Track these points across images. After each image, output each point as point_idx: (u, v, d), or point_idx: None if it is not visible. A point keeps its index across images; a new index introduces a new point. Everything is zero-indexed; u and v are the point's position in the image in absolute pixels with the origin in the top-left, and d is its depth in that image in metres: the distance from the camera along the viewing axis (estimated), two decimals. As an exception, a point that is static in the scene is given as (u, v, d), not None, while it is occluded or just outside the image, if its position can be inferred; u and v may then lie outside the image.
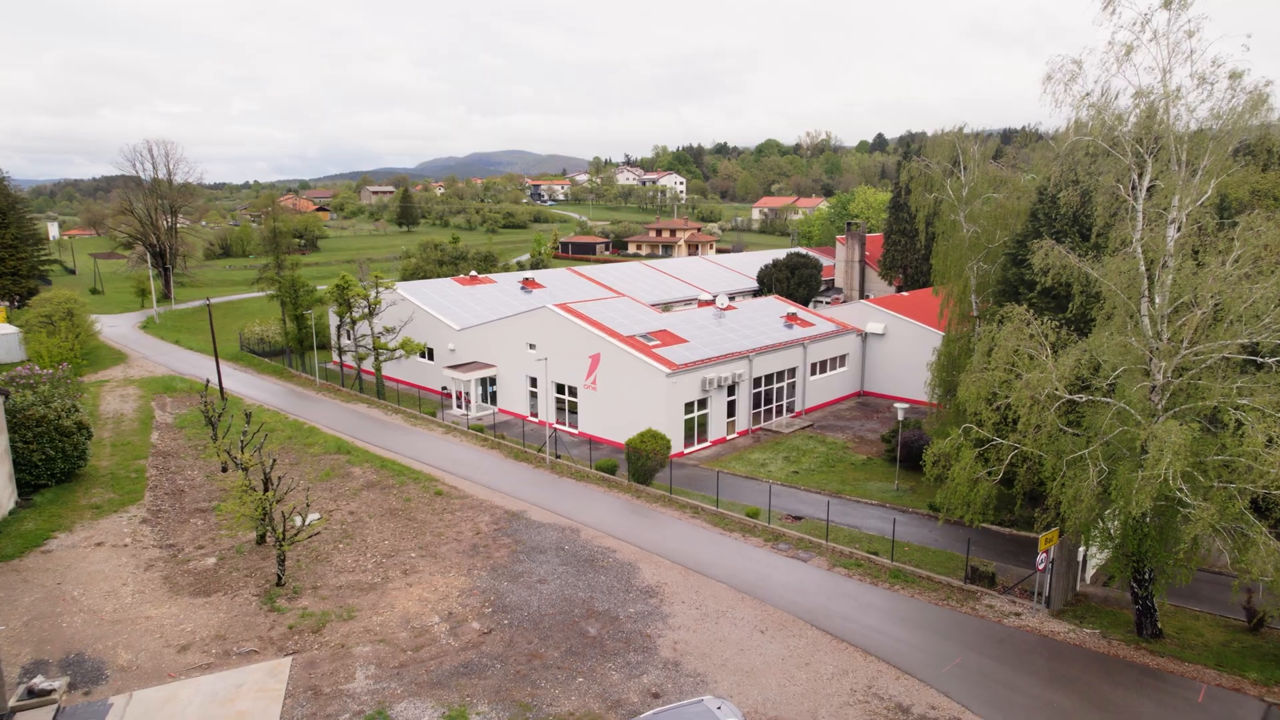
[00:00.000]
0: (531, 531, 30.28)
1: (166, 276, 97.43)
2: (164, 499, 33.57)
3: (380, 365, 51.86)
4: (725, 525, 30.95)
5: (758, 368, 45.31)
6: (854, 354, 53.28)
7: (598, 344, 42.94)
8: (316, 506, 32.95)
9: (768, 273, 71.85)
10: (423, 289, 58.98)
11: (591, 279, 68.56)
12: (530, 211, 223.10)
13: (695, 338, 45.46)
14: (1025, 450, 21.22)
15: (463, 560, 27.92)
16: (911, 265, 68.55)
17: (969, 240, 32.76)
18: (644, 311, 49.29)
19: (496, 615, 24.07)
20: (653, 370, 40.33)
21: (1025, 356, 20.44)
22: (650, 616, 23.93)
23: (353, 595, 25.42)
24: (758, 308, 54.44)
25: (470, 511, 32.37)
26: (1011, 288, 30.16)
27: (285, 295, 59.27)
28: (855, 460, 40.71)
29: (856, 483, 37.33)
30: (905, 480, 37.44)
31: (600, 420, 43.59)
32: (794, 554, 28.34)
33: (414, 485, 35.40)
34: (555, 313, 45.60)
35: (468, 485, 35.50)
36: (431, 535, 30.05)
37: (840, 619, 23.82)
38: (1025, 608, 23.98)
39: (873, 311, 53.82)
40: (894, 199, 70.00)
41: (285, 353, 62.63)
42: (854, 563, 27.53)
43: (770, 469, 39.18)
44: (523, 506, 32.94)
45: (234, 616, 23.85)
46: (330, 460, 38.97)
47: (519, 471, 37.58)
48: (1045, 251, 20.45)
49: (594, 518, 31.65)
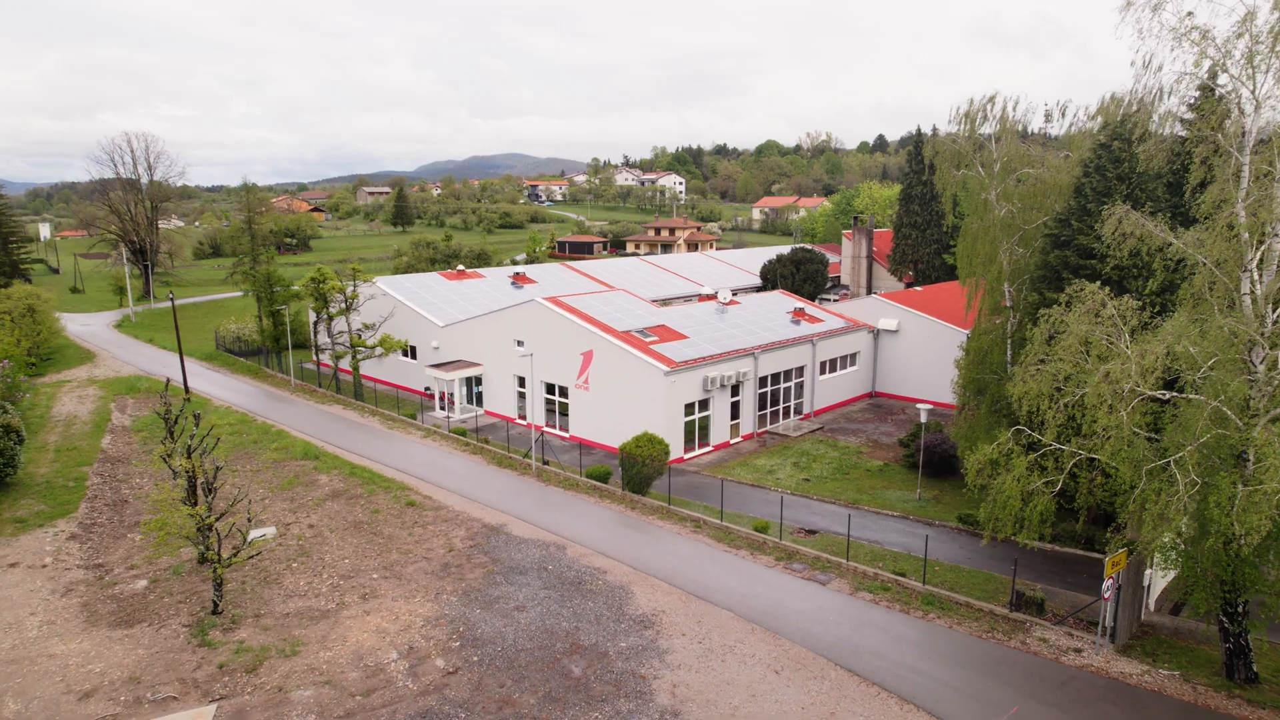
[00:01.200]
0: (511, 548, 26.75)
1: (147, 274, 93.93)
2: (102, 511, 30.02)
3: (358, 364, 48.35)
4: (731, 541, 27.43)
5: (763, 366, 41.83)
6: (865, 352, 49.81)
7: (590, 340, 39.46)
8: (273, 519, 29.43)
9: (771, 268, 68.43)
10: (405, 284, 55.48)
11: (586, 274, 65.08)
12: (527, 211, 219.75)
13: (696, 334, 41.98)
14: (1095, 458, 17.69)
15: (431, 582, 24.38)
16: (923, 260, 65.19)
17: (1001, 222, 29.28)
18: (640, 306, 45.81)
19: (465, 650, 20.55)
20: (650, 368, 36.85)
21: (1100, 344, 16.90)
22: (645, 652, 20.40)
23: (300, 625, 21.87)
24: (762, 302, 50.97)
25: (444, 525, 28.84)
26: (1053, 273, 26.68)
27: (260, 291, 55.73)
28: (871, 466, 37.23)
29: (874, 492, 33.85)
30: (928, 489, 33.98)
31: (593, 423, 40.09)
32: (810, 575, 24.80)
33: (384, 495, 31.87)
34: (544, 306, 42.12)
35: (444, 495, 31.97)
36: (398, 553, 26.52)
37: (869, 655, 20.29)
38: (1085, 642, 20.44)
39: (885, 307, 50.34)
40: (904, 191, 66.73)
41: (262, 352, 59.15)
42: (880, 586, 23.99)
43: (778, 476, 35.68)
44: (503, 519, 29.41)
45: (155, 653, 20.31)
46: (295, 467, 35.45)
47: (502, 479, 34.05)
48: (1119, 219, 16.99)
49: (583, 532, 28.13)
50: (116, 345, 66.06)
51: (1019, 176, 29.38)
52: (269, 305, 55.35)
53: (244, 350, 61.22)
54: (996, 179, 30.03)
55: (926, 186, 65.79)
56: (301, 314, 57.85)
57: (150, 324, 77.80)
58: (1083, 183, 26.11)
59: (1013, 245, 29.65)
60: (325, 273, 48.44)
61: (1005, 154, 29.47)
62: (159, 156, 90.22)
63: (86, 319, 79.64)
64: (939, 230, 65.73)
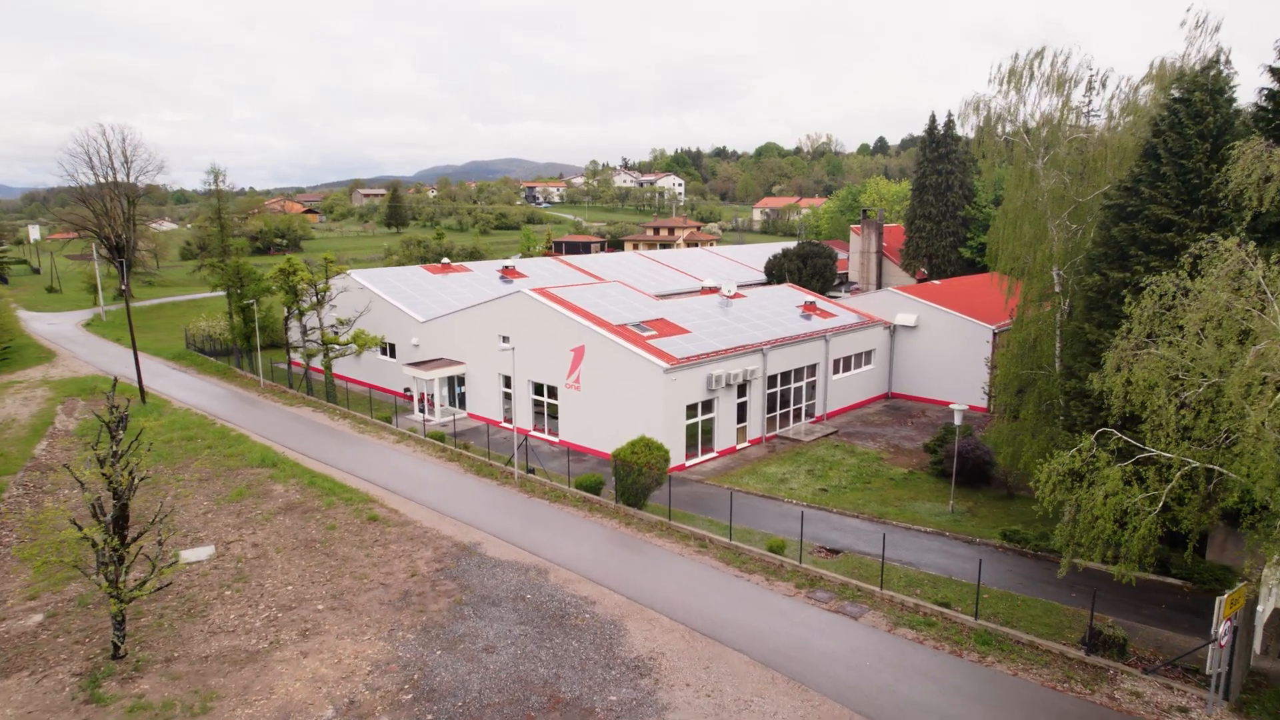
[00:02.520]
0: (485, 573, 22.79)
1: (124, 272, 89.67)
2: (13, 528, 26.05)
3: (330, 362, 44.43)
4: (742, 564, 23.48)
5: (772, 364, 37.94)
6: (881, 350, 45.92)
7: (581, 334, 35.57)
8: (213, 536, 25.49)
9: (777, 263, 64.58)
10: (385, 277, 51.58)
11: (580, 269, 61.20)
12: (524, 212, 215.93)
13: (699, 328, 38.10)
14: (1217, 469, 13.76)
15: (386, 615, 20.45)
16: (939, 254, 61.40)
17: (1051, 194, 25.41)
18: (637, 298, 41.93)
19: (418, 705, 16.60)
20: (647, 365, 32.96)
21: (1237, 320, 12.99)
22: (640, 709, 16.46)
23: (220, 671, 17.93)
24: (770, 296, 47.11)
25: (409, 544, 24.89)
26: (1117, 250, 22.83)
27: (230, 285, 51.77)
28: (894, 475, 33.34)
29: (900, 503, 29.96)
30: (961, 500, 30.11)
31: (584, 427, 36.18)
32: (838, 607, 20.86)
33: (344, 508, 27.93)
34: (531, 298, 38.23)
35: (412, 508, 28.03)
36: (352, 578, 22.57)
37: (918, 714, 16.35)
38: (1190, 698, 16.49)
39: (903, 301, 46.46)
40: (917, 180, 62.99)
41: (233, 351, 55.21)
42: (923, 620, 20.05)
43: (792, 486, 31.77)
44: (478, 537, 25.46)
45: (28, 713, 16.34)
46: (249, 475, 31.51)
47: (480, 490, 30.11)
48: (1255, 156, 13.14)
49: (569, 553, 24.19)
50: (80, 344, 62.18)
51: (1071, 142, 25.51)
52: (239, 301, 51.44)
53: (216, 350, 57.31)
54: (1043, 146, 26.17)
55: (941, 176, 62.02)
56: (276, 310, 53.94)
57: (123, 323, 73.80)
58: (1154, 143, 22.25)
59: (1064, 221, 25.78)
60: (295, 263, 44.55)
61: (1055, 114, 25.60)
62: (135, 149, 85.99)
63: (55, 318, 75.80)
64: (954, 222, 61.95)
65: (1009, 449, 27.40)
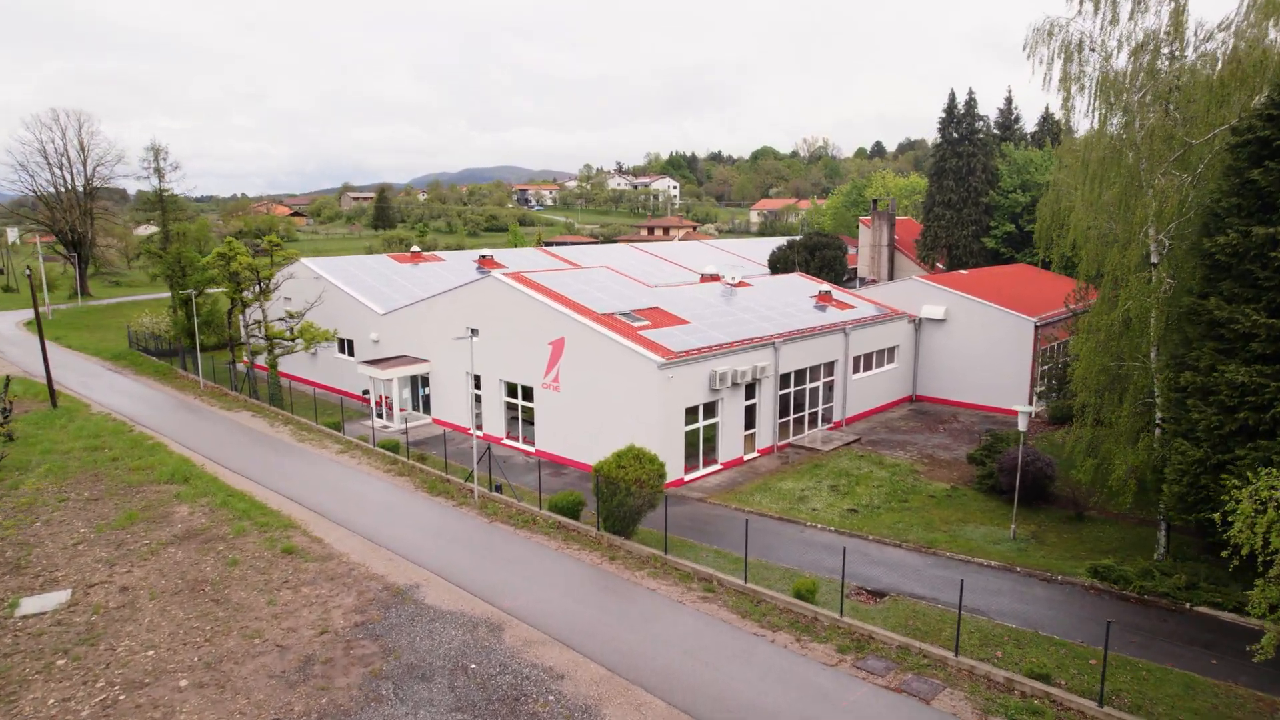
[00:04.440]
0: (419, 630, 17.04)
1: (81, 269, 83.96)
2: None
3: (275, 360, 38.69)
4: (762, 615, 17.77)
5: (785, 360, 32.34)
6: (905, 346, 40.37)
7: (561, 325, 29.94)
8: (74, 576, 19.71)
9: (782, 255, 59.02)
10: (345, 266, 45.89)
11: (565, 259, 55.54)
12: (516, 214, 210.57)
13: (700, 318, 32.50)
14: None
15: (272, 695, 14.69)
16: (960, 244, 55.91)
17: (1156, 134, 19.80)
18: (627, 284, 36.31)
19: None
20: (639, 360, 27.34)
21: None
22: None
23: (5, 795, 12.16)
24: (779, 285, 41.55)
25: (327, 586, 19.14)
26: (1257, 197, 17.29)
27: (172, 274, 45.93)
28: (934, 491, 27.78)
29: (948, 528, 24.37)
30: (1021, 523, 24.54)
31: (564, 434, 30.53)
32: (900, 682, 15.15)
33: (257, 535, 22.17)
34: (503, 284, 32.60)
35: (341, 537, 22.29)
36: (241, 636, 16.81)
37: None
38: None
39: (929, 291, 40.93)
40: (936, 164, 57.58)
41: (179, 350, 49.38)
42: (1024, 707, 14.33)
43: (814, 505, 26.15)
44: (418, 577, 19.71)
45: None
46: (153, 493, 25.73)
47: (431, 514, 24.36)
48: None
49: (534, 600, 18.47)
50: (13, 344, 56.32)
51: (1179, 69, 19.93)
52: (181, 293, 45.65)
53: (162, 350, 51.50)
54: (1136, 78, 20.57)
55: (962, 159, 56.60)
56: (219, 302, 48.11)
57: (70, 322, 67.97)
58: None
59: (1167, 173, 20.22)
60: (236, 247, 38.82)
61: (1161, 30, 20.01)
62: (92, 137, 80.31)
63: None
64: (977, 209, 56.49)
65: (1090, 461, 21.82)
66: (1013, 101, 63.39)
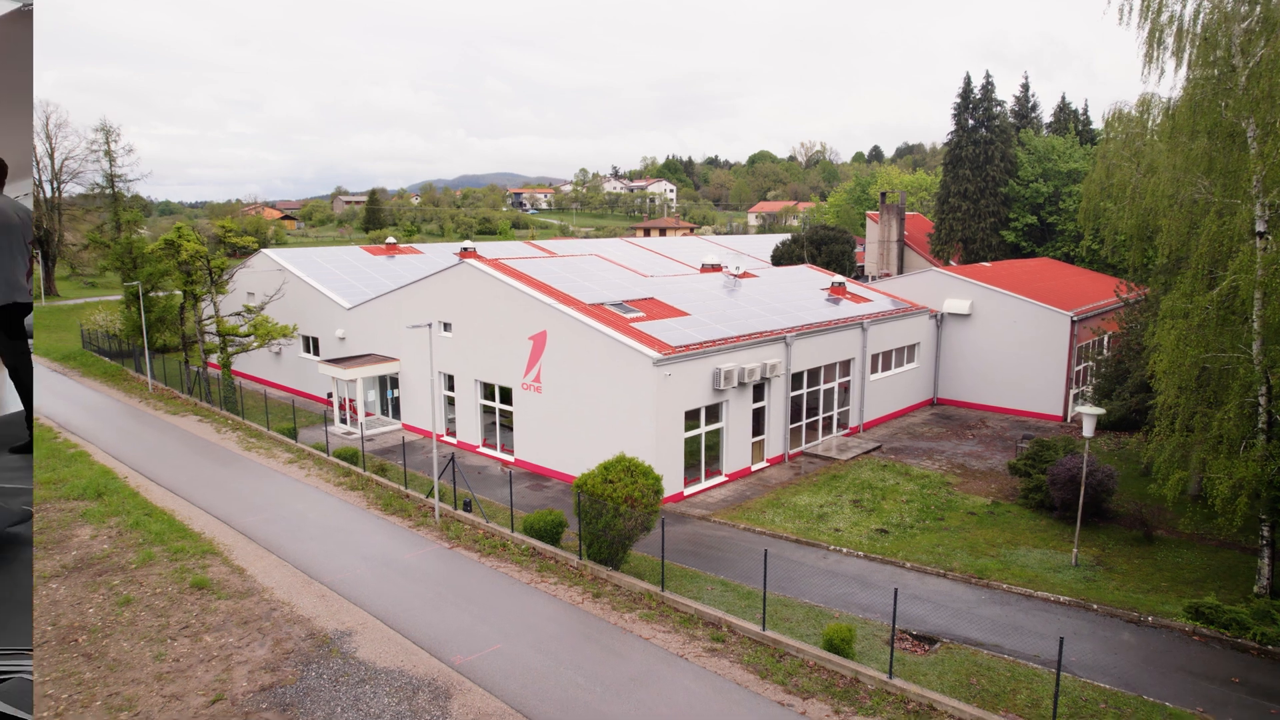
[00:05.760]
0: (340, 697, 13.08)
1: (48, 268, 79.80)
2: None
3: (228, 359, 34.76)
4: (786, 675, 13.83)
5: (797, 358, 28.52)
6: (926, 344, 36.58)
7: (543, 316, 26.09)
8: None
9: (786, 250, 55.31)
10: (312, 258, 42.01)
11: (551, 253, 51.67)
12: (510, 217, 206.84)
13: (701, 310, 28.66)
14: None
15: (126, 801, 10.72)
16: (976, 238, 52.19)
17: (1260, 69, 16.07)
18: (619, 273, 32.48)
19: None
20: (632, 355, 23.46)
21: None
22: None
23: None
24: (788, 276, 37.77)
25: (237, 634, 15.17)
26: None
27: (123, 264, 41.93)
28: (973, 507, 23.94)
29: (997, 552, 20.52)
30: (1084, 547, 20.72)
31: (546, 441, 26.64)
32: (979, 778, 11.24)
33: (164, 566, 18.20)
34: (479, 271, 28.79)
35: (269, 566, 18.32)
36: (105, 709, 12.84)
37: None
38: None
39: (952, 283, 37.15)
40: (951, 152, 53.86)
41: (134, 351, 45.41)
42: (1156, 818, 10.44)
43: (836, 525, 22.28)
44: (352, 621, 15.74)
45: None
46: (55, 513, 21.74)
47: (382, 537, 20.39)
48: None
49: (493, 656, 14.52)
50: (-42, 344, 52.17)
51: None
52: (130, 286, 41.67)
53: (118, 349, 47.52)
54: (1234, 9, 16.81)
55: (979, 146, 52.89)
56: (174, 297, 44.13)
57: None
58: None
59: (1273, 123, 16.42)
60: (185, 234, 34.91)
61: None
62: (61, 126, 76.38)
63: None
64: (995, 200, 52.78)
65: (1178, 474, 17.95)
66: (1029, 89, 59.76)
